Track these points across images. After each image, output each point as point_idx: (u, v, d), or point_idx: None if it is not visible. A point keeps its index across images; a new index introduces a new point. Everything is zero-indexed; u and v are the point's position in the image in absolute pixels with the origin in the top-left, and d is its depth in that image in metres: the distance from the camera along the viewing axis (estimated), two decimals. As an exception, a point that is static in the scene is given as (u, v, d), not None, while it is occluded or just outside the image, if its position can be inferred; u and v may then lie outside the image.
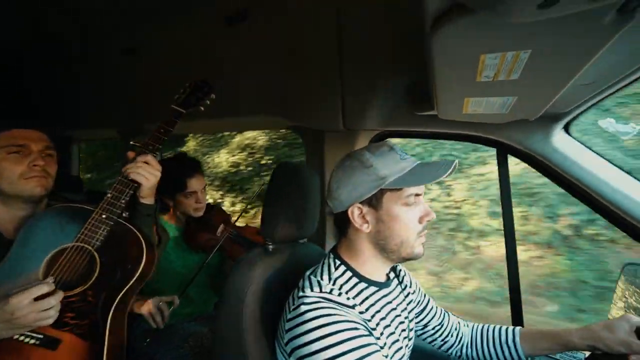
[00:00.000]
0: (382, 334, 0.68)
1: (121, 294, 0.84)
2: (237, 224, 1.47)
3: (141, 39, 1.54)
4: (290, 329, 0.62)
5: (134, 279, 0.85)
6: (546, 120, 0.97)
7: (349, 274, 0.70)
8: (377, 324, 0.68)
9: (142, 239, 0.88)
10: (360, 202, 0.68)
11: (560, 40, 0.49)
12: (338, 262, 0.72)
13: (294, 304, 0.64)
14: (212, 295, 1.44)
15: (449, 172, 0.66)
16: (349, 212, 0.69)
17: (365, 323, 0.64)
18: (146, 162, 0.90)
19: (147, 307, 1.09)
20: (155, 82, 1.05)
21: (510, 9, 0.39)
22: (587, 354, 0.81)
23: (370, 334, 0.62)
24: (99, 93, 1.83)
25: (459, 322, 0.93)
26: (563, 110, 0.90)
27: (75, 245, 0.83)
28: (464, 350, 0.90)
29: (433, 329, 0.90)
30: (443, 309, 0.93)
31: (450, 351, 0.91)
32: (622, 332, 0.74)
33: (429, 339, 0.92)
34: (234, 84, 1.42)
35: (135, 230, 0.89)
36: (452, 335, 0.90)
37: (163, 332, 1.24)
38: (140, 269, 0.86)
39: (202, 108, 1.04)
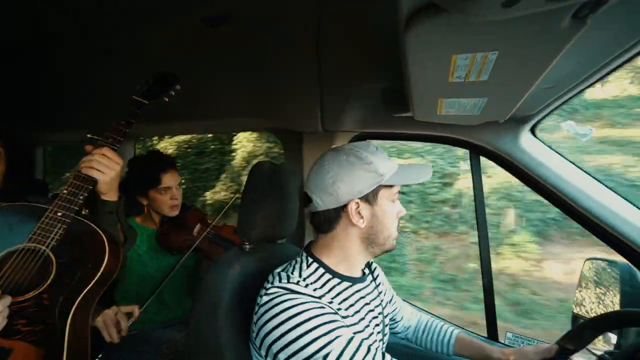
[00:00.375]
0: (357, 326, 0.69)
1: (81, 296, 0.79)
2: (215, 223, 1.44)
3: (115, 38, 1.49)
4: (257, 321, 0.63)
5: (96, 279, 0.80)
6: (514, 123, 1.02)
7: (321, 270, 0.71)
8: (352, 316, 0.69)
9: (103, 236, 0.83)
10: (359, 198, 0.70)
11: (523, 42, 0.52)
12: (311, 260, 0.72)
13: (259, 298, 0.65)
14: (188, 299, 1.39)
15: (428, 176, 0.73)
16: (348, 207, 0.69)
17: (335, 311, 0.64)
18: (103, 155, 0.84)
19: (101, 318, 0.97)
20: (129, 82, 1.01)
21: (478, 7, 0.41)
22: None
23: (337, 314, 0.63)
24: (66, 94, 1.74)
25: (411, 311, 1.01)
26: (529, 112, 0.95)
27: (26, 247, 0.77)
28: (409, 335, 0.99)
29: (392, 319, 0.95)
30: (399, 303, 0.98)
31: (402, 334, 0.99)
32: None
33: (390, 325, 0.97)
34: (210, 85, 1.39)
35: (96, 228, 0.84)
36: (404, 324, 0.98)
37: (136, 340, 1.19)
38: (102, 268, 0.81)
39: (167, 99, 1.01)
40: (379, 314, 0.79)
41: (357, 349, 0.57)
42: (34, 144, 2.14)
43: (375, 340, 0.74)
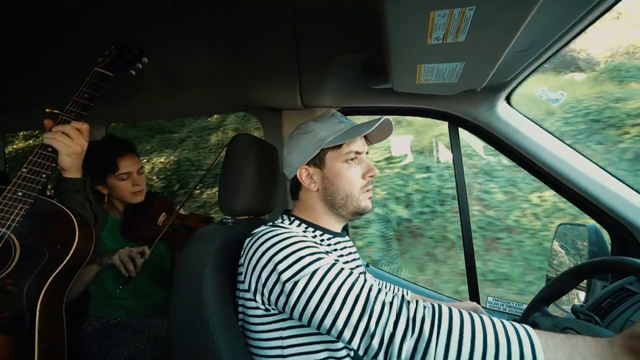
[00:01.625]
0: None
1: (50, 280, 0.74)
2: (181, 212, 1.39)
3: (75, 11, 1.37)
4: (244, 261, 0.64)
5: (65, 261, 0.75)
6: (491, 92, 1.04)
7: (304, 225, 0.75)
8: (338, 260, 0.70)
9: (72, 216, 0.78)
10: (307, 164, 0.76)
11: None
12: (292, 218, 0.76)
13: (245, 244, 0.67)
14: (164, 288, 1.34)
15: (376, 125, 0.73)
16: (298, 173, 0.77)
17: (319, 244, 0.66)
18: (75, 128, 0.79)
19: (117, 256, 1.09)
20: (93, 58, 0.94)
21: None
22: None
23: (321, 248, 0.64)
24: (19, 75, 1.61)
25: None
26: (504, 79, 0.96)
27: None
28: None
29: None
30: None
31: None
32: None
33: None
34: (184, 65, 1.32)
35: (64, 208, 0.78)
36: None
37: (115, 329, 1.15)
38: (73, 249, 0.76)
39: (134, 72, 0.95)
40: (362, 265, 0.82)
41: (342, 270, 0.59)
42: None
43: None
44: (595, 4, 0.61)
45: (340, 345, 0.65)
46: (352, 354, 0.67)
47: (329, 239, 0.75)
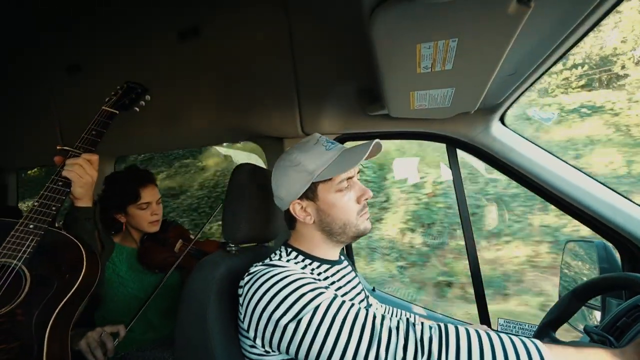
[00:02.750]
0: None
1: (59, 308, 0.75)
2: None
3: (84, 55, 1.48)
4: (242, 301, 0.63)
5: (74, 289, 0.77)
6: (484, 113, 1.07)
7: (301, 256, 0.74)
8: (337, 292, 0.70)
9: (80, 245, 0.81)
10: (299, 198, 0.74)
11: (478, 28, 0.56)
12: (289, 249, 0.75)
13: (242, 281, 0.66)
14: (173, 318, 1.34)
15: (367, 152, 0.70)
16: (291, 208, 0.74)
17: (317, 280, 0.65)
18: (87, 160, 0.85)
19: (84, 341, 0.93)
20: (102, 99, 1.00)
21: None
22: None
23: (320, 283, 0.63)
24: (34, 113, 1.70)
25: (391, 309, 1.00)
26: (496, 101, 1.00)
27: None
28: None
29: None
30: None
31: None
32: None
33: None
34: (187, 98, 1.39)
35: (72, 237, 0.81)
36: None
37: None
38: (81, 277, 0.78)
39: (137, 109, 1.02)
40: (362, 290, 0.81)
41: (343, 302, 0.58)
42: (5, 169, 2.06)
43: None
44: (576, 26, 0.65)
45: None
46: None
47: (326, 270, 0.74)
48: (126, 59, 1.42)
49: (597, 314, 1.12)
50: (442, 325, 0.53)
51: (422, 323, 0.54)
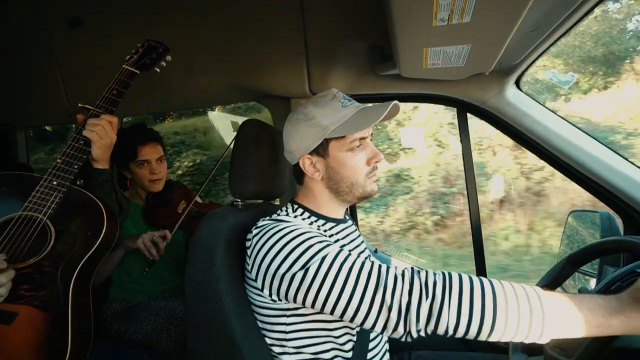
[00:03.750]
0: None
1: (82, 263, 0.80)
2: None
3: (88, 8, 1.42)
4: (251, 253, 0.65)
5: (94, 247, 0.81)
6: (499, 75, 1.03)
7: (306, 214, 0.75)
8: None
9: (101, 205, 0.84)
10: (309, 153, 0.73)
11: None
12: (296, 206, 0.76)
13: (249, 234, 0.67)
14: (181, 273, 1.40)
15: (385, 113, 0.68)
16: (300, 163, 0.74)
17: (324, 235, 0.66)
18: (109, 122, 0.85)
19: (140, 240, 1.14)
20: (112, 55, 0.97)
21: None
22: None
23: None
24: (37, 73, 1.67)
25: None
26: (513, 62, 0.95)
27: (23, 215, 0.77)
28: None
29: None
30: None
31: None
32: None
33: None
34: (194, 57, 1.35)
35: (93, 197, 0.84)
36: None
37: (133, 310, 1.21)
38: (102, 236, 0.82)
39: (158, 70, 1.00)
40: (365, 249, 0.83)
41: (350, 254, 0.59)
42: (15, 127, 2.07)
43: None
44: None
45: (340, 327, 0.67)
46: (354, 341, 0.69)
47: (331, 228, 0.76)
48: (130, 15, 1.37)
49: (593, 281, 1.15)
50: (445, 272, 0.54)
51: (427, 270, 0.56)
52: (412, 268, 0.56)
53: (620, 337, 0.54)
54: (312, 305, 0.58)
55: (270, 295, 0.64)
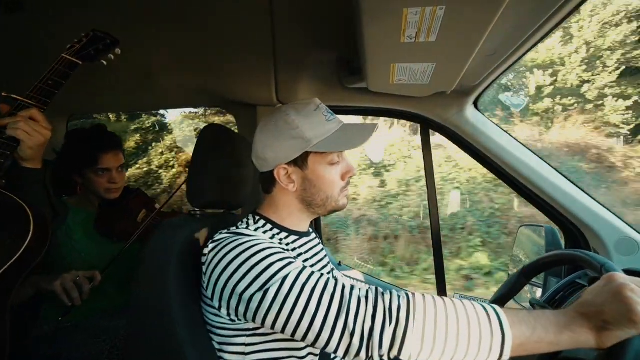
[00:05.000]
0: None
1: None
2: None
3: None
4: (206, 270, 0.60)
5: (16, 257, 0.69)
6: (460, 95, 1.09)
7: (269, 225, 0.71)
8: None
9: (27, 209, 0.72)
10: (286, 163, 0.70)
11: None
12: (257, 218, 0.72)
13: (205, 249, 0.63)
14: (128, 290, 1.27)
15: (370, 137, 0.69)
16: (275, 172, 0.70)
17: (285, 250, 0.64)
18: (31, 118, 0.73)
19: (59, 282, 0.93)
20: (55, 42, 0.87)
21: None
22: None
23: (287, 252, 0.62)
24: None
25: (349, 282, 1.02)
26: (473, 83, 1.01)
27: None
28: None
29: None
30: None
31: None
32: None
33: None
34: (153, 55, 1.27)
35: (17, 199, 0.72)
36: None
37: (70, 331, 1.07)
38: (25, 245, 0.70)
39: (105, 62, 0.91)
40: (328, 264, 0.81)
41: (312, 273, 0.57)
42: None
43: None
44: (556, 10, 0.66)
45: (304, 348, 0.64)
46: (316, 357, 0.66)
47: (294, 241, 0.73)
48: (88, 4, 1.26)
49: (539, 291, 1.23)
50: (409, 293, 0.54)
51: (391, 291, 0.54)
52: (376, 289, 0.55)
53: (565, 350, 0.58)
54: (272, 328, 0.54)
55: (229, 315, 0.59)
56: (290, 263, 0.57)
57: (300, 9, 1.10)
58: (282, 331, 0.54)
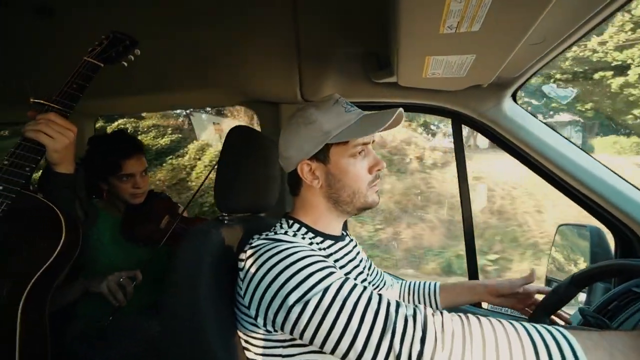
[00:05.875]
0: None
1: (34, 279, 0.69)
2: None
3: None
4: (244, 276, 0.58)
5: (50, 260, 0.70)
6: (497, 88, 1.01)
7: (304, 229, 0.69)
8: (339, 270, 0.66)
9: (59, 213, 0.73)
10: (309, 159, 0.68)
11: None
12: (291, 222, 0.70)
13: (243, 254, 0.60)
14: (158, 292, 1.29)
15: (391, 120, 0.65)
16: (298, 169, 0.69)
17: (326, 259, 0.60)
18: (50, 119, 0.73)
19: (105, 284, 1.01)
20: (81, 49, 0.88)
21: None
22: None
23: (326, 259, 0.59)
24: (5, 66, 1.53)
25: (391, 279, 0.97)
26: (513, 75, 0.94)
27: None
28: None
29: (376, 287, 0.91)
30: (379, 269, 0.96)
31: None
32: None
33: None
34: (176, 54, 1.26)
35: (50, 204, 0.73)
36: (387, 291, 0.94)
37: (106, 330, 1.09)
38: (59, 249, 0.71)
39: (125, 64, 0.91)
40: (364, 269, 0.78)
41: (355, 285, 0.53)
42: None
43: None
44: None
45: None
46: None
47: (329, 246, 0.70)
48: (110, 6, 1.27)
49: (582, 296, 1.15)
50: (463, 316, 0.48)
51: (442, 312, 0.49)
52: (424, 309, 0.50)
53: None
54: (311, 343, 0.51)
55: (265, 325, 0.57)
56: (332, 273, 0.53)
57: (325, 3, 1.06)
58: (321, 347, 0.51)
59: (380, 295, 0.52)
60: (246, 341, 0.62)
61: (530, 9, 0.56)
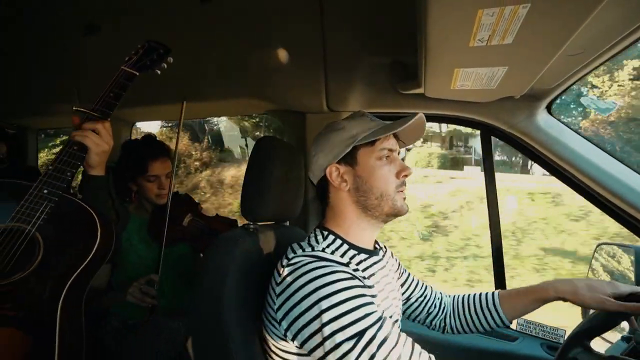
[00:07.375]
0: (378, 298, 0.66)
1: (73, 278, 0.74)
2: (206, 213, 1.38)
3: (101, 13, 1.41)
4: (281, 292, 0.58)
5: (87, 260, 0.75)
6: (530, 100, 0.97)
7: (339, 241, 0.69)
8: (373, 287, 0.65)
9: (95, 215, 0.78)
10: (337, 162, 0.71)
11: None
12: (326, 233, 0.70)
13: (282, 268, 0.61)
14: (184, 289, 1.34)
15: (412, 120, 0.67)
16: (327, 172, 0.71)
17: (362, 281, 0.60)
18: (103, 127, 0.80)
19: (130, 296, 1.10)
20: (121, 59, 0.95)
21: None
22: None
23: (364, 286, 0.59)
24: (53, 76, 1.66)
25: (440, 293, 0.93)
26: (548, 86, 0.90)
27: (9, 227, 0.72)
28: (447, 321, 0.89)
29: (416, 300, 0.89)
30: (423, 281, 0.92)
31: (434, 322, 0.90)
32: (601, 292, 0.73)
33: (413, 314, 0.90)
34: (206, 64, 1.32)
35: (87, 207, 0.79)
36: (435, 306, 0.90)
37: (134, 329, 1.14)
38: (95, 249, 0.76)
39: (159, 72, 0.96)
40: (395, 286, 0.77)
41: (391, 331, 0.54)
42: (27, 129, 2.06)
43: (394, 313, 0.72)
44: None
45: None
46: None
47: (363, 259, 0.70)
48: (145, 20, 1.35)
49: (624, 323, 1.06)
50: None
51: None
52: None
53: None
54: None
55: (294, 340, 0.57)
56: (368, 313, 0.54)
57: (353, 13, 1.07)
58: None
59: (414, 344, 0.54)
60: (273, 352, 0.62)
61: (568, 20, 0.54)
